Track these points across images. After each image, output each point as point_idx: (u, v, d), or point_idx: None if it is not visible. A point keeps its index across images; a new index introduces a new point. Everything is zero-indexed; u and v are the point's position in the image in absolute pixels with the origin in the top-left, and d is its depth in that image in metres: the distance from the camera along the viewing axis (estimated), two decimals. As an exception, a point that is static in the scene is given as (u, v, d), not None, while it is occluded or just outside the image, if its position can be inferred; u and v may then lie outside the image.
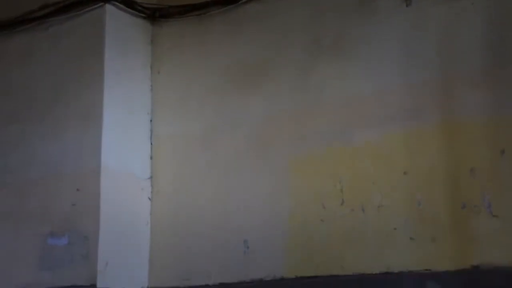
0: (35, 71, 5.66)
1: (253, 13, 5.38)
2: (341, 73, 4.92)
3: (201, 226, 5.21)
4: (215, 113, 5.39)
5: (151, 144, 5.58)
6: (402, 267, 4.43)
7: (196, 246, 5.21)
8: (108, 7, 5.42)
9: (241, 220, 5.08)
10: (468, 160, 4.34)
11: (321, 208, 4.78)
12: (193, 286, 5.14)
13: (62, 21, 5.59)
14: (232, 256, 5.05)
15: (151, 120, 5.63)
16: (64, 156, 5.30)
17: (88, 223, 5.03)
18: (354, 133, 4.78)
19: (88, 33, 5.46)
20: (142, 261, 5.30)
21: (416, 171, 4.52)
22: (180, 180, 5.41)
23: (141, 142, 5.49)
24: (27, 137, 5.53)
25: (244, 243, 5.02)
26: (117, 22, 5.48)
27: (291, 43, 5.18)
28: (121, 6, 5.52)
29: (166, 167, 5.49)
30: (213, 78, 5.46)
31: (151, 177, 5.49)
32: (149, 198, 5.46)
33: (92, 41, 5.42)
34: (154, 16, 5.72)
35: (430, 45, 4.64)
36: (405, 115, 4.62)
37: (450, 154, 4.41)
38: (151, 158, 5.54)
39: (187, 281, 5.17)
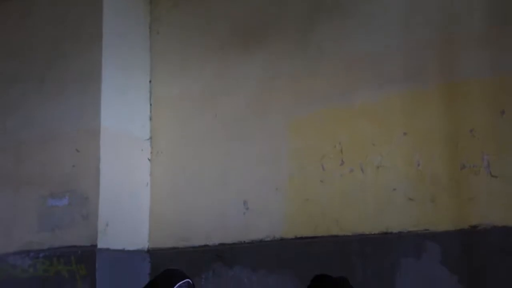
0: (34, 32, 5.62)
1: (253, -27, 5.34)
2: (341, 34, 4.88)
3: (201, 187, 5.23)
4: (214, 74, 5.37)
5: (150, 105, 5.57)
6: (401, 227, 4.46)
7: (196, 207, 5.23)
8: (107, -34, 5.37)
9: (240, 181, 5.09)
10: (468, 121, 4.34)
11: (321, 169, 4.79)
12: (193, 247, 5.17)
13: (61, -19, 5.56)
14: (231, 217, 5.07)
15: (150, 81, 5.61)
16: (64, 118, 5.29)
17: (88, 184, 5.04)
18: (354, 94, 4.77)
19: (87, -7, 5.43)
20: (142, 222, 5.33)
21: (415, 132, 4.51)
22: (179, 141, 5.41)
23: (140, 103, 5.48)
24: (26, 99, 5.52)
25: (244, 204, 5.04)
26: (115, -18, 5.44)
27: (291, 3, 5.14)
28: (120, -35, 5.47)
29: (165, 128, 5.48)
30: (212, 39, 5.43)
31: (150, 138, 5.49)
32: (149, 159, 5.46)
33: (91, 1, 5.37)
34: (153, -24, 5.67)
35: (431, 5, 4.60)
36: (405, 76, 4.60)
37: (449, 115, 4.41)
38: (150, 119, 5.53)
39: (187, 242, 5.20)
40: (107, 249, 4.99)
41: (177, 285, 3.09)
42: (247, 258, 4.97)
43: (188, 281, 3.15)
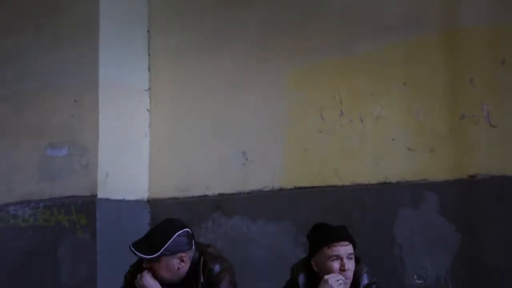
0: (29, -18, 5.57)
1: None
2: (341, -17, 4.84)
3: (200, 138, 5.24)
4: (213, 24, 5.32)
5: (149, 55, 5.53)
6: (400, 177, 4.48)
7: (195, 157, 5.24)
8: None
9: (239, 132, 5.09)
10: (468, 70, 4.32)
11: (320, 120, 4.79)
12: (192, 197, 5.21)
13: None
14: (230, 168, 5.09)
15: (148, 31, 5.56)
16: (62, 68, 5.26)
17: (87, 135, 5.05)
18: (353, 45, 4.74)
19: None
20: (142, 172, 5.35)
21: (415, 82, 4.50)
22: (178, 92, 5.39)
23: (138, 54, 5.44)
24: (24, 49, 5.48)
25: (243, 155, 5.06)
26: None
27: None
28: None
29: (164, 79, 5.46)
30: (212, -12, 5.38)
31: (149, 89, 5.47)
32: (148, 110, 5.46)
33: None
34: None
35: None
36: (405, 25, 4.56)
37: (450, 65, 4.39)
38: (149, 69, 5.50)
39: (187, 192, 5.23)
40: (107, 199, 5.02)
41: (176, 234, 3.12)
42: (246, 208, 5.01)
43: (187, 231, 3.17)
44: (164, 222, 3.26)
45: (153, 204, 5.32)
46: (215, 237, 4.99)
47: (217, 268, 3.21)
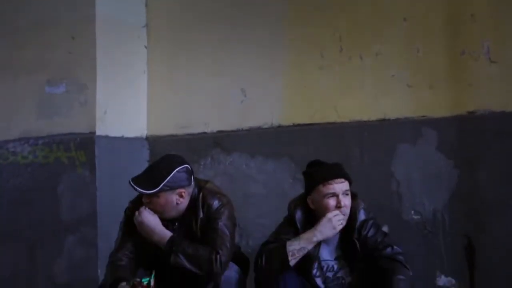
0: None
1: None
2: None
3: (198, 75, 5.20)
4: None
5: (146, -10, 5.47)
6: (399, 114, 4.48)
7: (194, 94, 5.22)
8: None
9: (238, 68, 5.05)
10: (469, 6, 4.26)
11: (319, 57, 4.76)
12: (191, 134, 5.21)
13: None
14: (229, 105, 5.08)
15: (144, -35, 5.49)
16: (58, 4, 5.17)
17: (85, 71, 5.01)
18: (353, -21, 4.68)
19: None
20: (140, 109, 5.34)
21: (415, 18, 4.45)
22: (176, 29, 5.33)
23: (135, -12, 5.37)
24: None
25: (242, 91, 5.03)
26: None
27: None
28: None
29: (161, 15, 5.38)
30: None
31: (146, 25, 5.41)
32: (145, 47, 5.40)
33: None
34: None
35: None
36: (406, -43, 4.50)
37: (450, 0, 4.33)
38: (146, 5, 5.42)
39: (185, 129, 5.23)
40: (106, 136, 5.02)
41: (176, 170, 3.12)
42: (245, 145, 5.01)
43: (187, 167, 3.18)
44: (164, 158, 3.27)
45: (152, 141, 5.32)
46: (214, 174, 5.01)
47: (216, 203, 3.23)
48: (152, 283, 2.86)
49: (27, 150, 5.21)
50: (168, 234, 3.09)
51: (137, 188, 3.09)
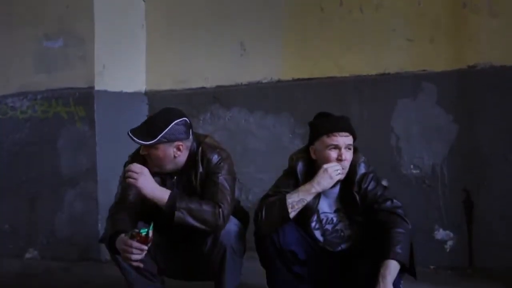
0: None
1: None
2: None
3: (197, 29, 5.16)
4: None
5: None
6: (399, 68, 4.46)
7: (192, 49, 5.19)
8: None
9: (237, 22, 5.02)
10: (471, -42, 4.22)
11: (319, 10, 4.71)
12: (190, 89, 5.19)
13: None
14: (228, 59, 5.05)
15: None
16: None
17: (83, 25, 4.97)
18: None
19: None
20: (139, 64, 5.31)
21: (417, -29, 4.41)
22: (174, -18, 5.29)
23: None
24: None
25: (241, 46, 5.00)
26: None
27: None
28: None
29: (160, -32, 5.34)
30: None
31: (144, -21, 5.37)
32: (144, 0, 5.34)
33: None
34: None
35: None
36: None
37: (453, -50, 4.29)
38: (144, -42, 5.38)
39: (184, 84, 5.21)
40: (105, 91, 5.01)
41: (174, 122, 3.11)
42: (244, 100, 5.01)
43: (185, 120, 3.16)
44: (162, 111, 3.25)
45: (151, 96, 5.31)
46: (213, 129, 5.02)
47: (215, 158, 3.23)
48: (150, 234, 2.87)
49: (26, 105, 5.20)
50: (166, 194, 3.08)
51: (135, 139, 3.08)
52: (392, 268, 2.88)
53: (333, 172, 3.08)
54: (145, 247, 2.88)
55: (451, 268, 4.30)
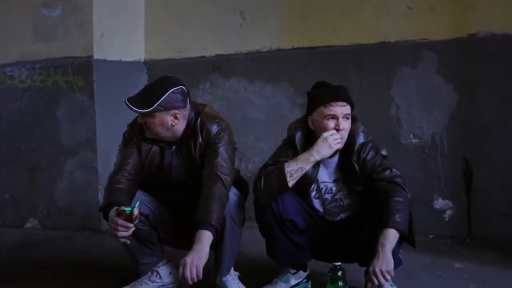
0: None
1: None
2: None
3: (196, -3, 5.15)
4: None
5: None
6: (399, 36, 4.44)
7: (192, 18, 5.15)
8: None
9: (237, -10, 5.00)
10: None
11: (319, -22, 4.69)
12: (189, 58, 5.17)
13: None
14: (228, 28, 5.02)
15: None
16: None
17: (81, -7, 4.95)
18: None
19: None
20: (138, 33, 5.28)
21: None
22: None
23: None
24: None
25: (240, 15, 4.97)
26: None
27: None
28: None
29: None
30: None
31: None
32: (143, -32, 5.32)
33: None
34: None
35: None
36: None
37: None
38: None
39: (184, 53, 5.19)
40: (104, 60, 4.99)
41: (171, 90, 3.09)
42: (243, 69, 4.99)
43: (182, 88, 3.14)
44: (159, 79, 3.23)
45: (150, 65, 5.29)
46: (212, 98, 5.01)
47: (214, 128, 3.21)
48: (135, 212, 2.86)
49: (24, 74, 5.18)
50: (207, 238, 3.04)
51: (132, 107, 3.07)
52: (391, 237, 2.88)
53: (332, 141, 3.08)
54: (131, 225, 2.88)
55: (450, 238, 4.32)
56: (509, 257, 3.84)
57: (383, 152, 3.29)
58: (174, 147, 3.22)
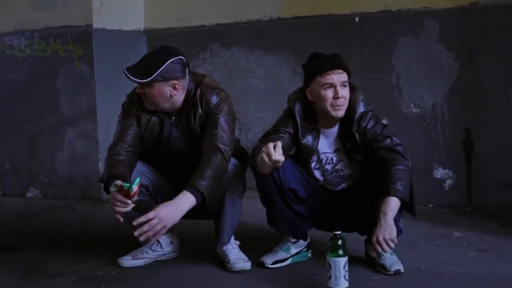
0: None
1: None
2: None
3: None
4: None
5: None
6: (400, 4, 4.40)
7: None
8: None
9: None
10: None
11: None
12: (189, 27, 5.14)
13: None
14: (228, -4, 5.00)
15: None
16: None
17: (79, -39, 4.90)
18: None
19: None
20: (138, 2, 5.25)
21: None
22: None
23: None
24: None
25: (240, -18, 4.95)
26: None
27: None
28: None
29: None
30: None
31: None
32: None
33: None
34: None
35: None
36: None
37: None
38: None
39: (183, 22, 5.16)
40: (103, 29, 4.96)
41: (170, 60, 3.07)
42: (244, 38, 4.97)
43: (181, 58, 3.13)
44: (158, 49, 3.21)
45: (150, 34, 5.26)
46: (213, 68, 4.99)
47: (214, 99, 3.20)
48: (134, 189, 2.84)
49: (23, 44, 5.17)
50: (189, 198, 3.05)
51: (130, 77, 3.05)
52: (393, 204, 2.88)
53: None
54: (129, 201, 2.88)
55: (450, 207, 4.34)
56: (508, 226, 3.85)
57: (384, 122, 3.28)
58: (173, 118, 3.21)
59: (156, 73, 3.05)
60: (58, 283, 3.16)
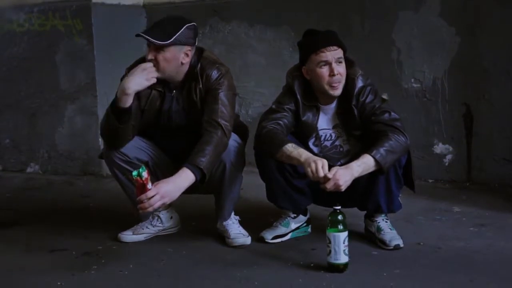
0: None
1: None
2: None
3: None
4: None
5: None
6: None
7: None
8: None
9: None
10: None
11: None
12: (188, 1, 5.10)
13: None
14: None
15: None
16: None
17: None
18: None
19: None
20: (137, -24, 5.24)
21: None
22: None
23: None
24: None
25: (241, -43, 4.91)
26: None
27: None
28: None
29: None
30: None
31: None
32: None
33: None
34: None
35: None
36: None
37: None
38: None
39: (183, -4, 5.14)
40: (102, 4, 4.94)
41: (186, 26, 3.05)
42: (244, 13, 4.94)
43: (194, 24, 3.11)
44: (171, 15, 3.18)
45: (149, 8, 5.23)
46: (212, 43, 4.97)
47: (214, 73, 3.18)
48: (144, 175, 2.82)
49: (22, 18, 5.14)
50: (188, 176, 3.00)
51: (149, 38, 3.01)
52: (365, 163, 2.88)
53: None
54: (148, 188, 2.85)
55: (450, 182, 4.34)
56: (508, 201, 3.86)
57: (384, 97, 3.27)
58: (174, 91, 3.20)
59: (176, 36, 3.02)
60: (59, 257, 3.18)
